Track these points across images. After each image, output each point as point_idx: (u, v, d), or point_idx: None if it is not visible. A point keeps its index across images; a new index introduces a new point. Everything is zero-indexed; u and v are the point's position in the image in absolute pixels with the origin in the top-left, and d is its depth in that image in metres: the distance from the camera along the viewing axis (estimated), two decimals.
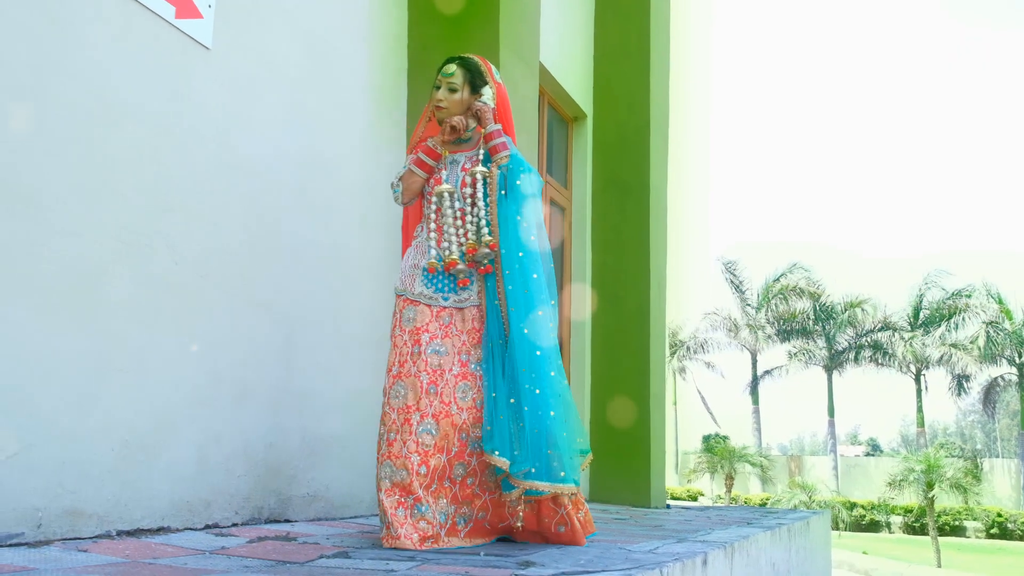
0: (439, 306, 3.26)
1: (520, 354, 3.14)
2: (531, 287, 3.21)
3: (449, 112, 3.37)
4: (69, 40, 2.99)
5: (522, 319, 3.17)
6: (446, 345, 3.22)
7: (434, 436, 3.12)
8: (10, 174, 2.77)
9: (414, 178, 3.41)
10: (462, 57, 3.45)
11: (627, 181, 7.86)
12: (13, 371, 2.75)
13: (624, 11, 8.04)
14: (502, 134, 3.36)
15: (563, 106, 7.64)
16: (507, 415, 3.15)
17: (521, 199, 3.28)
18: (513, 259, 3.22)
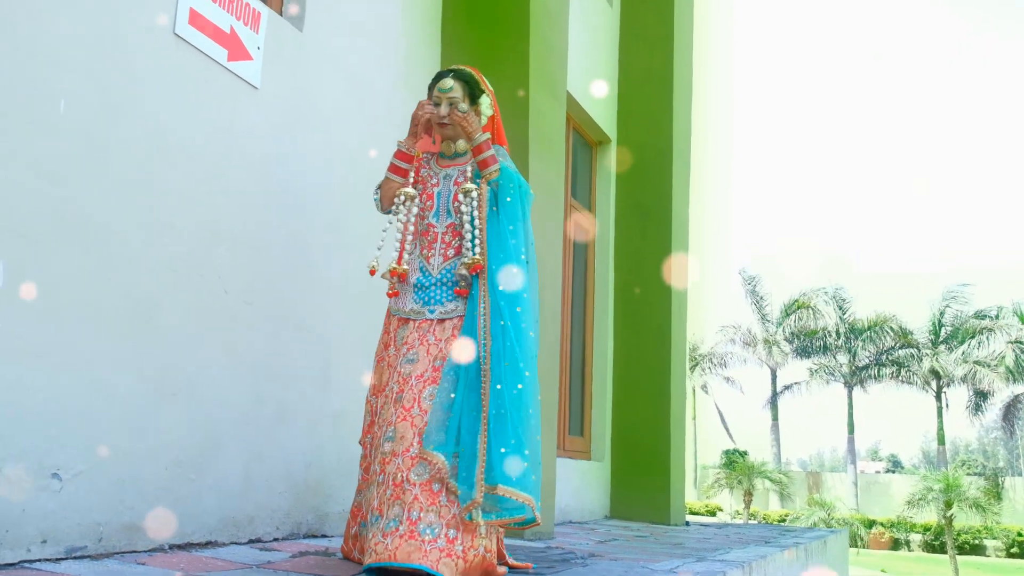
0: (424, 318, 3.19)
1: (510, 371, 3.01)
2: (522, 304, 3.11)
3: (454, 129, 3.32)
4: (132, 85, 3.21)
5: (511, 337, 3.05)
6: (419, 352, 3.12)
7: (393, 443, 2.99)
8: (79, 210, 2.98)
9: (390, 184, 3.37)
10: (453, 70, 3.38)
11: (649, 204, 8.03)
12: (79, 394, 2.96)
13: (648, 38, 8.23)
14: (491, 145, 3.28)
15: (587, 131, 7.82)
16: (462, 416, 3.00)
17: (511, 214, 3.20)
18: (500, 276, 3.12)
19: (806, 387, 37.40)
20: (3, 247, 2.73)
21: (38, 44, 2.87)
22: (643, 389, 7.83)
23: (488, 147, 3.24)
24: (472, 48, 5.24)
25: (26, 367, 2.78)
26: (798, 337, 36.33)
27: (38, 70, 2.86)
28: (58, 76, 2.93)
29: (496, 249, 3.15)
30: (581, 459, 7.37)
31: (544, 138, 5.31)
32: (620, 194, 8.15)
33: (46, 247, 2.86)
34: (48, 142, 2.89)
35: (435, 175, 3.35)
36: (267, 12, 3.88)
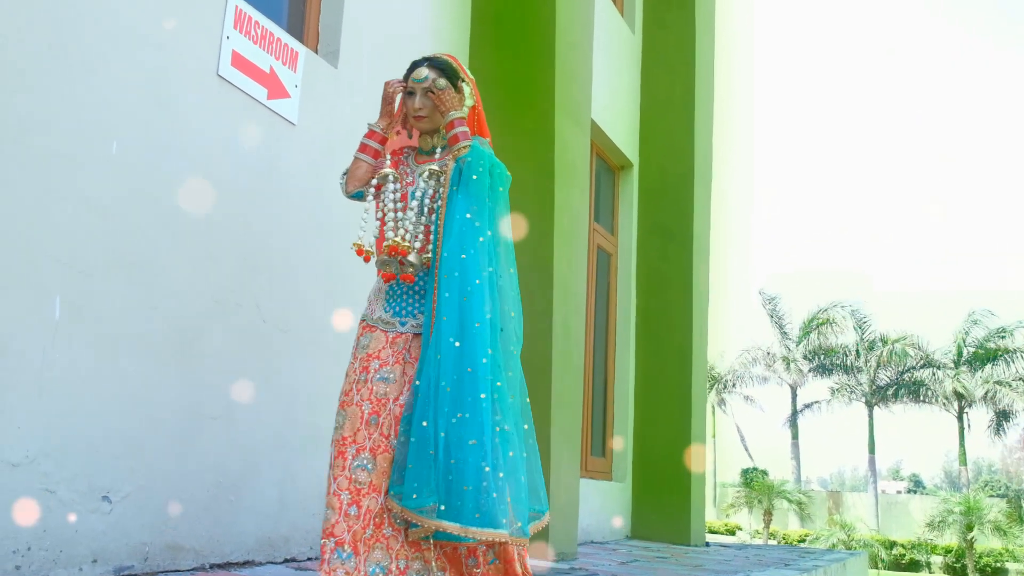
0: (396, 331, 2.87)
1: (447, 370, 2.67)
2: (471, 294, 2.73)
3: (431, 121, 2.98)
4: (178, 125, 3.37)
5: (453, 330, 2.70)
6: (395, 372, 2.82)
7: (370, 473, 2.70)
8: (129, 245, 3.13)
9: (358, 163, 3.05)
10: (428, 58, 3.05)
11: (671, 227, 8.15)
12: (127, 420, 3.10)
13: (670, 64, 8.36)
14: (464, 123, 2.94)
15: (610, 155, 7.95)
16: (417, 440, 2.65)
17: (475, 194, 2.82)
18: (453, 262, 2.76)
19: (826, 406, 37.23)
20: (58, 281, 2.88)
21: (94, 90, 3.03)
22: (664, 410, 7.92)
23: (461, 124, 2.92)
24: (499, 79, 5.38)
25: (79, 395, 2.93)
26: (818, 355, 36.20)
27: (93, 114, 3.02)
28: (111, 119, 3.09)
29: (447, 233, 2.81)
30: (603, 480, 7.46)
31: (568, 165, 5.44)
32: (642, 217, 8.27)
33: (97, 280, 3.02)
34: (100, 181, 3.05)
35: (411, 172, 3.04)
36: (304, 51, 4.04)
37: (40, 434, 2.81)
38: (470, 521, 2.59)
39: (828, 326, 35.55)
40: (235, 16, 3.66)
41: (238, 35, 3.67)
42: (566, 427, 5.33)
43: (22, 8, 2.80)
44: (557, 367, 5.22)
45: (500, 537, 2.60)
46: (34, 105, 2.83)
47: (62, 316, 2.88)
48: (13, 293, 2.75)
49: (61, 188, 2.91)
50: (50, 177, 2.87)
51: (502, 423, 2.72)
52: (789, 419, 37.55)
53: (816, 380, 37.04)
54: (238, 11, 3.67)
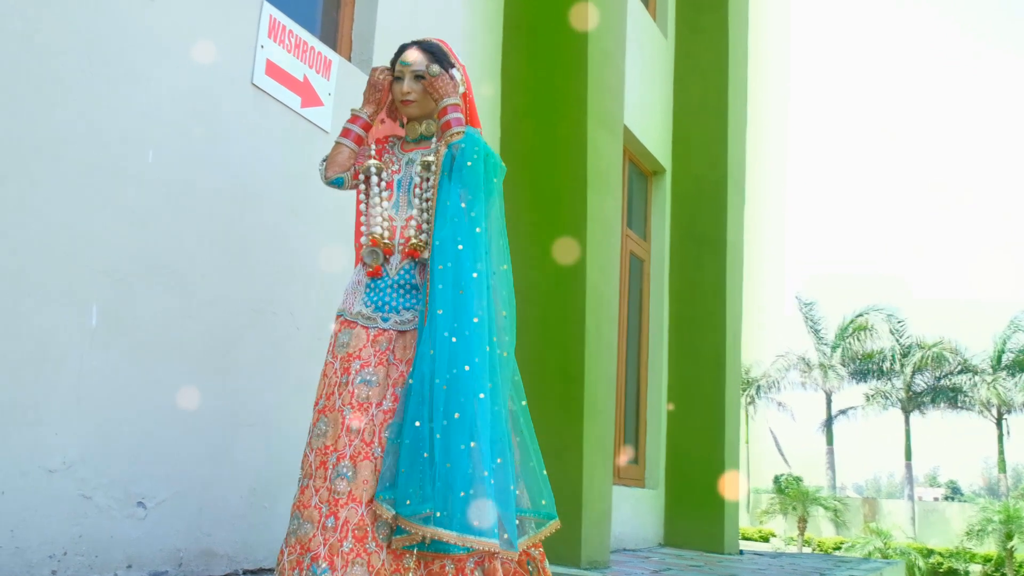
0: (377, 328, 2.69)
1: (441, 367, 2.53)
2: (468, 287, 2.59)
3: (419, 106, 2.83)
4: (213, 134, 3.39)
5: (449, 324, 2.56)
6: (378, 374, 2.64)
7: (349, 482, 2.52)
8: (165, 254, 3.16)
9: (339, 148, 2.89)
10: (417, 41, 2.91)
11: (704, 234, 8.10)
12: (163, 427, 3.13)
13: (703, 68, 8.32)
14: (459, 109, 2.79)
15: (642, 161, 7.92)
16: (410, 442, 2.50)
17: (470, 182, 2.68)
18: (448, 252, 2.62)
19: (862, 412, 36.83)
20: (96, 290, 2.91)
21: (130, 101, 3.06)
22: (698, 416, 7.88)
23: (455, 110, 2.77)
24: (531, 87, 5.39)
25: (116, 402, 2.96)
26: (854, 360, 35.82)
27: (130, 124, 3.06)
28: (147, 129, 3.12)
29: (441, 222, 2.66)
30: (635, 487, 7.42)
31: (601, 173, 5.43)
32: (675, 223, 8.23)
33: (134, 289, 3.05)
34: (136, 190, 3.08)
35: (397, 160, 2.88)
36: (337, 59, 4.06)
37: (78, 441, 2.84)
38: (467, 529, 2.42)
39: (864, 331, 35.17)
40: (269, 25, 3.68)
41: (272, 44, 3.69)
42: (599, 435, 5.31)
43: (61, 21, 2.84)
44: (590, 374, 5.21)
45: (494, 547, 2.45)
46: (72, 117, 2.87)
47: (99, 324, 2.91)
48: (51, 301, 2.78)
49: (98, 197, 2.94)
50: (87, 187, 2.91)
51: (500, 423, 2.61)
52: (824, 425, 37.19)
53: (851, 386, 36.67)
54: (272, 20, 3.69)
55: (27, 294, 2.72)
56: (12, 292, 2.68)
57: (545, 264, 5.27)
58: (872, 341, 35.35)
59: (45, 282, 2.77)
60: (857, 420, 36.96)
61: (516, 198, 5.31)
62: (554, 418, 5.11)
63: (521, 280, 5.31)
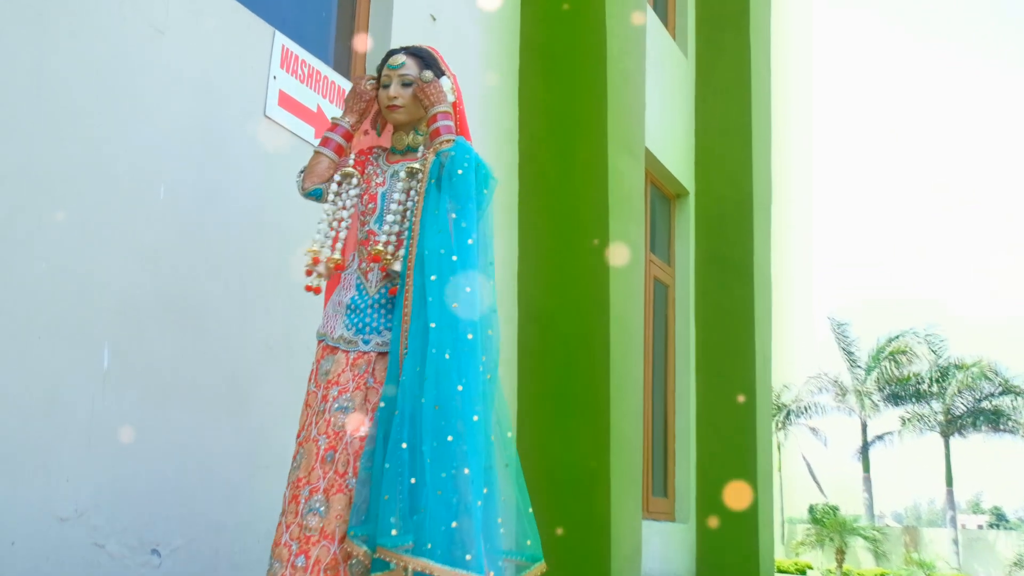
0: (357, 351, 2.60)
1: (432, 386, 2.40)
2: (462, 301, 2.49)
3: (407, 112, 2.74)
4: (226, 168, 3.41)
5: (442, 339, 2.44)
6: (355, 399, 2.53)
7: (322, 517, 2.42)
8: (178, 291, 3.17)
9: (318, 158, 2.83)
10: (406, 47, 2.86)
11: (730, 257, 8.06)
12: (178, 470, 3.12)
13: (725, 88, 8.31)
14: (449, 117, 2.71)
15: (665, 184, 7.91)
16: (393, 467, 2.36)
17: (460, 192, 2.58)
18: (440, 263, 2.51)
19: (898, 436, 36.41)
20: (107, 329, 2.92)
21: (140, 135, 3.08)
22: (728, 446, 7.80)
23: (447, 117, 2.71)
24: (549, 111, 5.40)
25: (129, 446, 2.96)
26: (889, 384, 35.47)
27: (140, 158, 3.07)
28: (158, 163, 3.14)
29: (431, 232, 2.55)
30: (666, 520, 7.35)
31: (623, 198, 5.42)
32: (700, 246, 8.20)
33: (147, 328, 3.05)
34: (147, 227, 3.09)
35: (381, 172, 2.80)
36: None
37: (89, 487, 2.83)
38: (456, 562, 2.28)
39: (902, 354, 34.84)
40: (282, 55, 3.70)
41: (285, 74, 3.71)
42: (626, 468, 5.27)
43: (69, 54, 2.86)
44: (615, 406, 5.17)
45: None
46: (81, 152, 2.88)
47: (111, 365, 2.91)
48: (61, 342, 2.79)
49: (108, 234, 2.95)
50: (97, 223, 2.92)
51: (490, 449, 2.48)
52: (859, 451, 36.80)
53: (887, 409, 36.29)
54: (285, 50, 3.72)
55: (36, 335, 2.72)
56: (21, 333, 2.68)
57: (567, 293, 5.26)
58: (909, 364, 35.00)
59: (54, 322, 2.77)
60: (894, 445, 36.52)
61: (536, 225, 5.32)
62: (580, 452, 5.08)
63: (543, 310, 5.34)
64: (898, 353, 34.90)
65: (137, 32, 3.09)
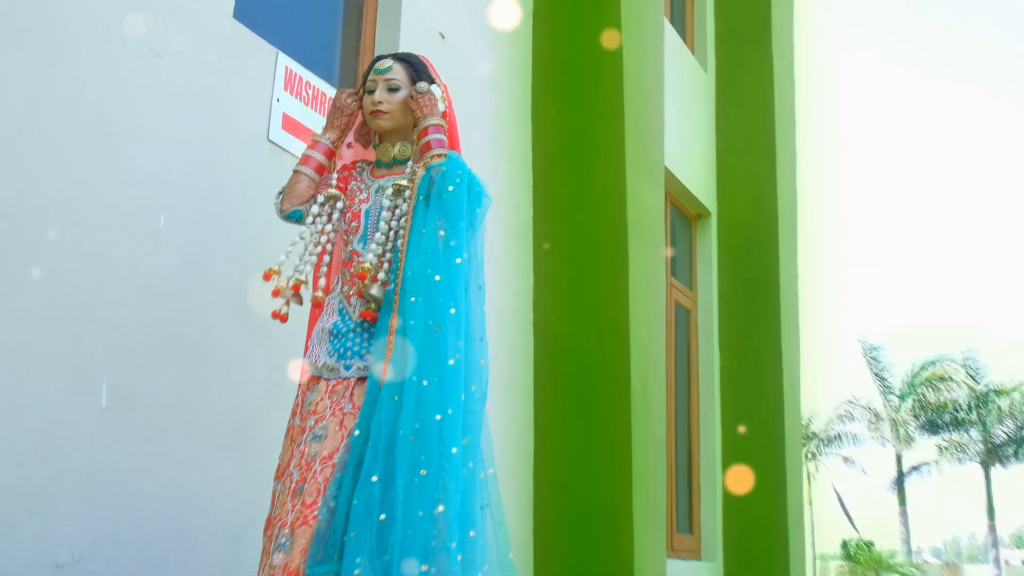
0: (337, 378, 2.56)
1: (408, 415, 2.33)
2: (444, 324, 2.42)
3: (392, 119, 2.71)
4: (227, 195, 3.42)
5: (420, 365, 2.38)
6: (329, 427, 2.47)
7: (286, 554, 2.34)
8: (179, 325, 3.17)
9: (297, 177, 2.78)
10: (395, 53, 2.85)
11: (755, 280, 8.04)
12: (180, 513, 3.11)
13: (747, 103, 8.32)
14: (441, 130, 2.68)
15: (685, 204, 7.90)
16: (362, 502, 2.28)
17: (450, 209, 2.54)
18: (421, 283, 2.46)
19: (936, 466, 36.08)
20: (105, 365, 2.92)
21: (139, 161, 3.10)
22: (757, 480, 7.74)
23: (438, 131, 2.67)
24: (564, 131, 5.41)
25: (128, 487, 2.95)
26: (925, 411, 35.19)
27: (140, 185, 3.09)
28: (158, 190, 3.15)
29: (413, 250, 2.51)
30: (691, 559, 7.29)
31: (643, 221, 5.42)
32: (723, 269, 8.18)
33: (146, 363, 3.05)
34: (147, 257, 3.10)
35: (366, 188, 2.75)
36: None
37: (87, 531, 2.82)
38: None
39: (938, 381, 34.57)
40: (285, 77, 3.73)
41: (289, 97, 3.73)
42: (649, 503, 5.23)
43: (66, 80, 2.88)
44: (637, 437, 5.14)
45: None
46: (78, 180, 2.90)
47: (109, 402, 2.91)
48: (57, 379, 2.79)
49: (106, 265, 2.96)
50: (94, 254, 2.93)
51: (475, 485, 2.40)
52: (894, 482, 36.48)
53: (923, 438, 35.99)
54: (288, 71, 3.74)
55: (31, 371, 2.73)
56: (15, 369, 2.69)
57: (585, 320, 5.25)
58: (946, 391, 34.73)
59: (50, 358, 2.78)
60: (931, 476, 36.19)
61: (551, 249, 5.32)
62: (600, 487, 5.05)
63: (560, 338, 5.33)
64: (934, 379, 34.65)
65: (136, 56, 3.11)
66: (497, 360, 5.00)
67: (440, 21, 4.76)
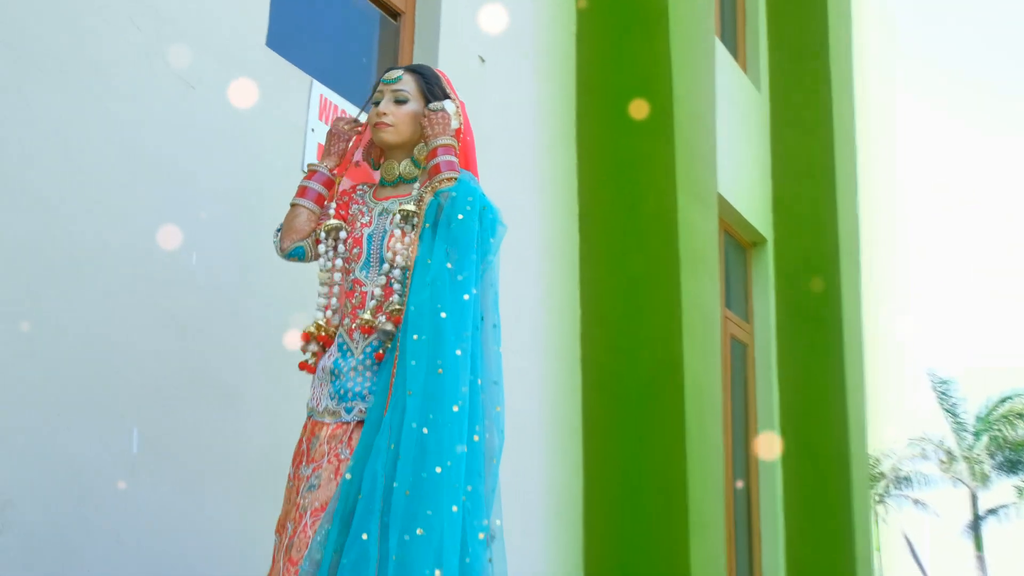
0: (337, 422, 2.48)
1: (405, 467, 2.25)
2: (448, 366, 2.33)
3: (398, 133, 2.64)
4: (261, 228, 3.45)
5: (420, 411, 2.29)
6: (323, 475, 2.40)
7: None
8: (213, 366, 3.21)
9: (296, 211, 2.70)
10: (408, 65, 2.82)
11: (815, 311, 7.96)
12: (218, 563, 3.13)
13: (804, 123, 8.28)
14: (451, 151, 2.59)
15: (740, 232, 7.87)
16: (350, 562, 2.21)
17: (460, 239, 2.45)
18: (425, 320, 2.37)
19: (1015, 509, 35.35)
20: (137, 409, 2.96)
21: (172, 196, 3.15)
22: (821, 525, 7.64)
23: (449, 152, 2.58)
24: (611, 157, 5.42)
25: (163, 539, 2.98)
26: (1003, 450, 34.55)
27: (170, 221, 3.13)
28: (190, 227, 3.20)
29: (418, 283, 2.43)
30: None
31: (695, 250, 5.40)
32: (781, 300, 8.11)
33: (179, 407, 3.09)
34: (179, 296, 3.14)
35: (368, 211, 2.68)
36: None
37: None
38: None
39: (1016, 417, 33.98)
40: (320, 106, 3.78)
41: (324, 126, 3.77)
42: (708, 552, 5.17)
43: (96, 113, 2.95)
44: (694, 482, 5.09)
45: None
46: (108, 218, 2.95)
47: (141, 449, 2.95)
48: (86, 425, 2.83)
49: (137, 306, 3.00)
50: (125, 293, 2.98)
51: (476, 549, 2.31)
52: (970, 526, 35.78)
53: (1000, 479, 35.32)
54: (323, 100, 3.79)
55: (59, 417, 2.77)
56: (42, 415, 2.73)
57: (636, 356, 5.23)
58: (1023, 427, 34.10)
59: (79, 403, 2.82)
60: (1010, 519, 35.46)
61: (599, 282, 5.32)
62: (655, 535, 5.01)
63: (610, 376, 5.30)
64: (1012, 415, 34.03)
65: (167, 88, 3.17)
66: (542, 399, 5.02)
67: (479, 44, 4.81)
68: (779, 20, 8.56)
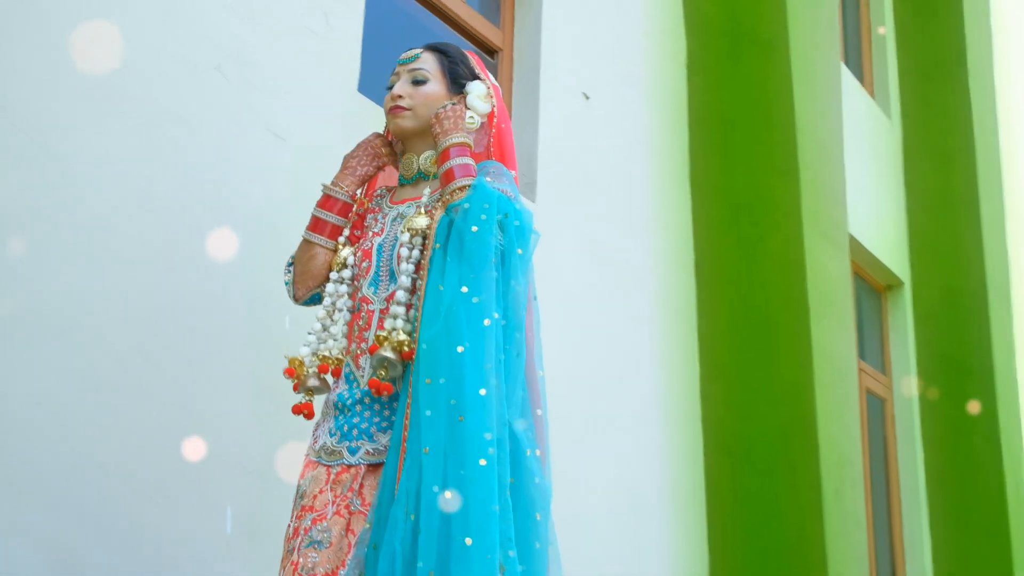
0: (341, 465, 2.31)
1: (427, 541, 2.07)
2: (471, 411, 2.13)
3: (416, 117, 2.47)
4: None
5: (439, 469, 2.12)
6: (333, 531, 2.23)
7: None
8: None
9: (310, 250, 2.54)
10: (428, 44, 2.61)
11: (962, 360, 7.76)
12: None
13: (941, 152, 8.14)
14: (466, 152, 2.40)
15: (872, 274, 7.74)
16: None
17: (473, 257, 2.24)
18: (441, 360, 2.18)
19: None
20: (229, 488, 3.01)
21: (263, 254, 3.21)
22: None
23: (461, 153, 2.39)
24: (729, 195, 5.39)
25: None
26: None
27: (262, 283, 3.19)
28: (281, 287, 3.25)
29: (430, 315, 2.23)
30: None
31: (826, 296, 5.33)
32: (922, 349, 7.93)
33: (271, 485, 3.12)
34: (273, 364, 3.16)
35: (381, 218, 2.54)
36: None
37: None
38: None
39: None
40: None
41: None
42: None
43: (182, 167, 3.04)
44: (834, 555, 4.99)
45: None
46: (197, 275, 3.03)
47: (234, 530, 2.98)
48: (179, 505, 2.87)
49: (227, 374, 3.06)
50: (218, 361, 3.04)
51: None
52: None
53: None
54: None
55: (148, 498, 2.82)
56: (133, 495, 2.79)
57: (763, 415, 5.16)
58: None
59: (170, 482, 2.86)
60: None
61: (720, 333, 5.27)
62: None
63: (734, 437, 5.23)
64: None
65: (255, 139, 3.25)
66: (660, 467, 4.97)
67: (582, 80, 4.84)
68: (909, 37, 8.45)
